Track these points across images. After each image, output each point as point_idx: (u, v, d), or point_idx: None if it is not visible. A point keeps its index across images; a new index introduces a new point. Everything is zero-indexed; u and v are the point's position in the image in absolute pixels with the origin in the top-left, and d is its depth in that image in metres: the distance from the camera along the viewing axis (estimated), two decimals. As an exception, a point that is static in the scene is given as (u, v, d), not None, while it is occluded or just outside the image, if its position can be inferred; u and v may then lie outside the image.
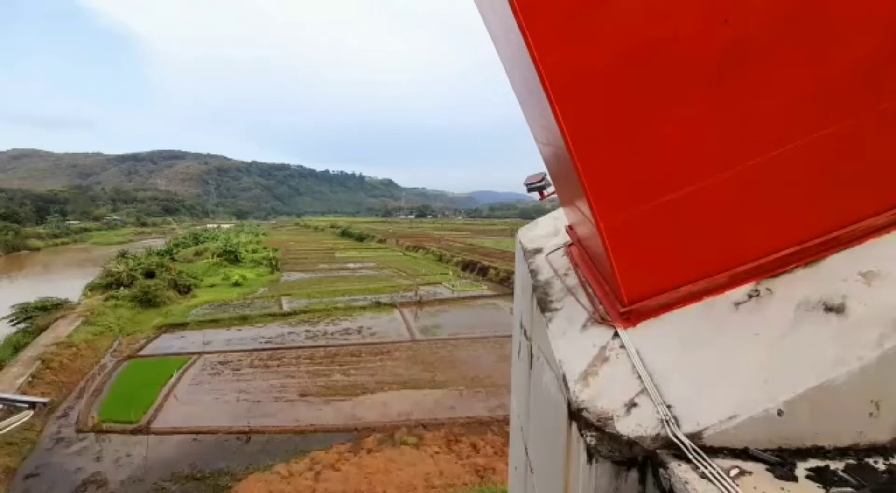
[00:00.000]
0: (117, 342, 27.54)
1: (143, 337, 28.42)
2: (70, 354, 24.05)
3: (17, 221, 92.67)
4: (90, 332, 27.51)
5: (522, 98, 2.24)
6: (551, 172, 2.69)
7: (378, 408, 19.12)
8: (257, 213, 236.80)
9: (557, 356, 1.96)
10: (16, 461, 15.03)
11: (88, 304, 33.65)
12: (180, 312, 34.43)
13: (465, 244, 74.51)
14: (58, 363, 22.62)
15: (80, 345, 25.35)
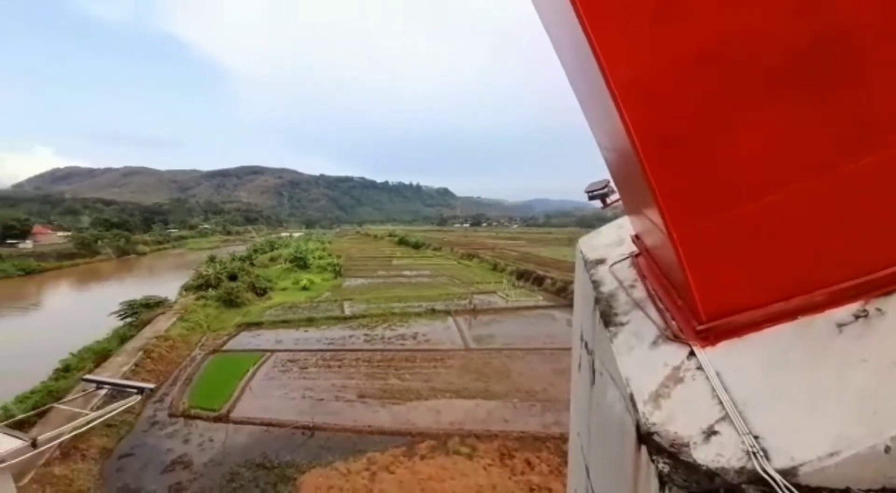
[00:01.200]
0: (205, 337, 30.86)
1: (225, 334, 31.54)
2: (167, 346, 27.41)
3: (128, 229, 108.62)
4: (184, 327, 31.18)
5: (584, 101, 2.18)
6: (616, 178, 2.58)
7: (431, 415, 19.27)
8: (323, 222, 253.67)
9: (624, 374, 1.85)
10: (113, 442, 17.24)
11: (183, 302, 38.22)
12: (257, 312, 37.74)
13: (520, 253, 73.16)
14: (157, 354, 25.89)
15: (175, 338, 28.82)
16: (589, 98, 2.01)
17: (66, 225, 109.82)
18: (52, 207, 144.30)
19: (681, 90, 1.47)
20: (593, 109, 2.07)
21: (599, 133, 2.21)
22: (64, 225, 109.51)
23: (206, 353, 27.49)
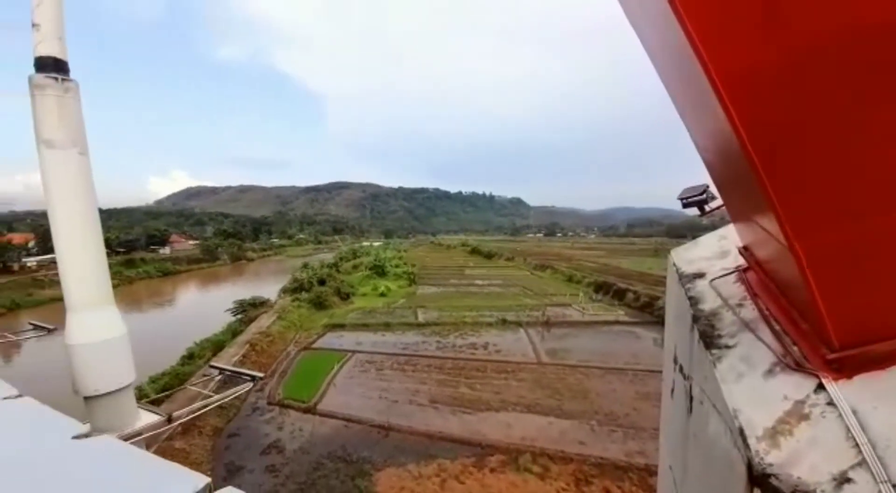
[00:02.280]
0: (298, 335, 34.20)
1: (315, 333, 34.60)
2: (268, 341, 30.93)
3: (241, 238, 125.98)
4: (281, 325, 34.96)
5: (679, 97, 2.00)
6: (718, 182, 2.31)
7: (501, 428, 18.85)
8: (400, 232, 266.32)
9: (731, 404, 1.63)
10: (223, 423, 19.80)
11: (281, 303, 42.90)
12: (341, 315, 40.82)
13: (599, 264, 68.77)
14: (260, 348, 29.34)
15: (274, 335, 32.42)
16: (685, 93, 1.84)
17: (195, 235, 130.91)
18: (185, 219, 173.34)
19: (800, 80, 1.27)
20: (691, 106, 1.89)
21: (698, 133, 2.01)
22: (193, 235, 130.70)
23: (299, 349, 30.40)
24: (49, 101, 1.45)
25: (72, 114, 1.51)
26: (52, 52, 1.46)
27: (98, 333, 1.66)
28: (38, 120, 1.47)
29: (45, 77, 1.44)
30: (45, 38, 1.45)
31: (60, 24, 1.47)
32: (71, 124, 1.50)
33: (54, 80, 1.45)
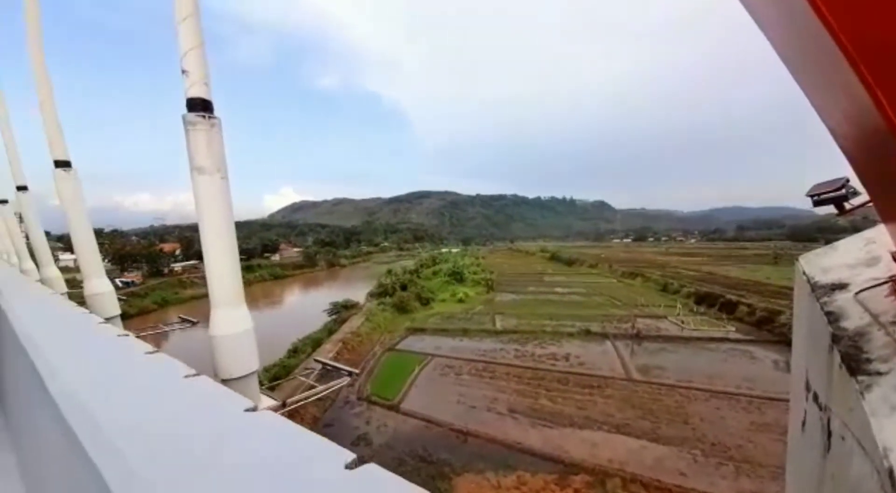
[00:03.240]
0: (383, 336, 36.33)
1: (398, 335, 36.41)
2: (357, 341, 33.39)
3: (335, 246, 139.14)
4: (368, 326, 37.49)
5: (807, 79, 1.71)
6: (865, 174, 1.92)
7: (586, 446, 17.65)
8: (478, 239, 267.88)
9: (882, 442, 1.33)
10: (320, 413, 21.76)
11: (368, 306, 46.03)
12: (421, 319, 42.35)
13: (701, 272, 61.03)
14: (350, 346, 31.80)
15: (363, 335, 34.89)
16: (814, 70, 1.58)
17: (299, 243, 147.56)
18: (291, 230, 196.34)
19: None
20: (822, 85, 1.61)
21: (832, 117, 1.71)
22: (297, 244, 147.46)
23: (384, 350, 32.25)
24: (199, 135, 1.79)
25: (216, 145, 1.85)
26: (199, 95, 1.81)
27: (233, 326, 2.00)
28: (191, 151, 1.82)
29: (195, 115, 1.79)
30: (194, 83, 1.79)
31: (205, 70, 1.81)
32: (215, 153, 1.84)
33: (202, 118, 1.78)
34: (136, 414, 0.92)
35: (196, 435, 0.81)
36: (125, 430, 0.84)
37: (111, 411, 0.93)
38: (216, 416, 0.87)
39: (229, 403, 0.92)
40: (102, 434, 0.83)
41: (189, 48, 1.85)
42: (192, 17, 1.85)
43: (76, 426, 0.88)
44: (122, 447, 0.77)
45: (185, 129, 1.90)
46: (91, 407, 0.93)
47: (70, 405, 0.98)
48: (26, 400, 1.61)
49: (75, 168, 4.43)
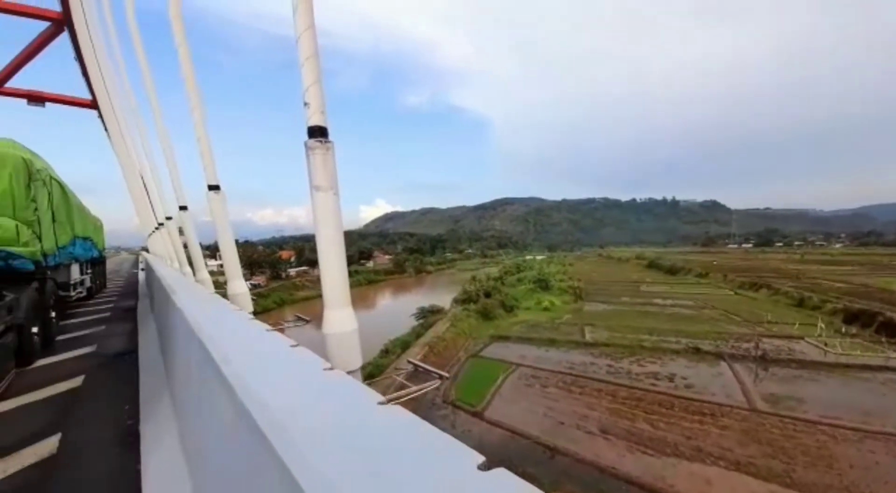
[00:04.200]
0: (467, 342, 36.87)
1: (482, 342, 36.60)
2: (443, 345, 34.42)
3: (422, 253, 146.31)
4: (453, 332, 38.40)
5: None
6: None
7: (697, 483, 15.55)
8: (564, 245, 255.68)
9: None
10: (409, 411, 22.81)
11: (453, 312, 47.19)
12: (505, 327, 41.95)
13: (852, 284, 49.67)
14: (436, 350, 32.91)
15: (448, 340, 35.87)
16: None
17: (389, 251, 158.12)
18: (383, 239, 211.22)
19: None
20: None
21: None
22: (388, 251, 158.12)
23: (468, 356, 32.68)
24: (317, 158, 2.19)
25: (330, 165, 2.24)
26: (318, 123, 2.22)
27: (342, 325, 2.35)
28: (311, 172, 2.24)
29: (314, 141, 2.19)
30: (314, 113, 2.21)
31: (322, 101, 2.23)
32: (330, 173, 2.23)
33: (320, 143, 2.18)
34: (291, 398, 1.03)
35: (339, 422, 0.87)
36: (285, 409, 0.93)
37: (272, 391, 1.07)
38: (354, 406, 0.96)
39: (364, 395, 0.99)
40: (270, 411, 0.93)
41: (310, 84, 2.27)
42: (313, 58, 2.28)
43: (248, 404, 1.01)
44: (287, 424, 0.85)
45: (306, 153, 2.30)
46: (256, 388, 1.08)
47: (242, 386, 1.14)
48: (198, 380, 1.93)
49: (223, 190, 5.52)
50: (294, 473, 0.69)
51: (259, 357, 1.48)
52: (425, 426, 0.83)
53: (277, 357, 1.46)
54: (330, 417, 0.91)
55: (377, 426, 0.84)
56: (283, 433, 0.82)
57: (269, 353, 1.53)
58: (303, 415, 0.91)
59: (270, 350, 1.57)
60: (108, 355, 5.44)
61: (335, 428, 0.84)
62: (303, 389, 1.12)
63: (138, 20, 6.94)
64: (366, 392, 1.01)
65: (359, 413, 0.91)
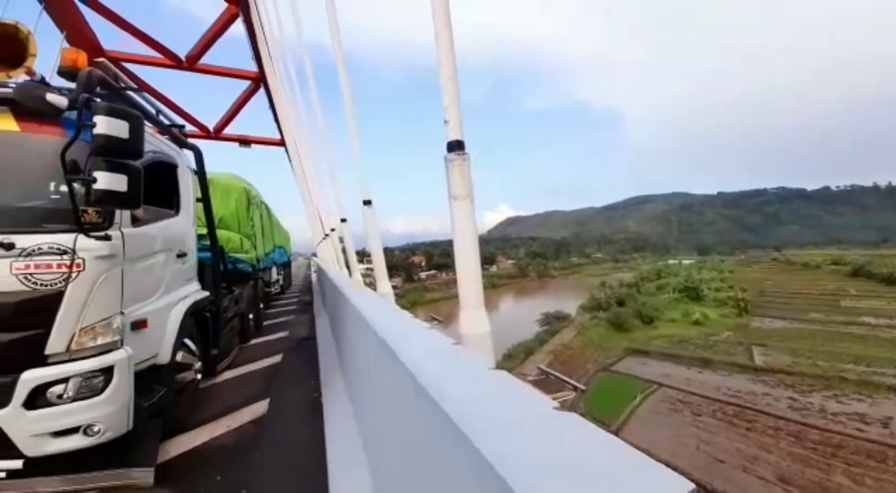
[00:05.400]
0: (596, 353, 34.23)
1: (613, 354, 33.53)
2: (568, 354, 32.74)
3: (545, 258, 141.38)
4: (580, 341, 36.15)
5: None
6: None
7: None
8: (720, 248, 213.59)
9: None
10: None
11: (580, 320, 44.44)
12: (643, 339, 37.46)
13: None
14: (562, 359, 31.48)
15: (574, 349, 33.95)
16: None
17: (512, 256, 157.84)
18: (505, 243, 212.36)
19: None
20: None
21: None
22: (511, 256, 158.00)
23: (598, 368, 30.31)
24: (456, 169, 2.35)
25: (467, 176, 2.39)
26: (456, 137, 2.39)
27: (477, 327, 2.45)
28: (450, 183, 2.40)
29: (453, 154, 2.36)
30: (453, 129, 2.38)
31: (460, 118, 2.40)
32: (466, 183, 2.38)
33: (458, 156, 2.34)
34: (467, 388, 1.06)
35: (519, 419, 0.85)
36: (465, 397, 0.96)
37: (442, 377, 1.13)
38: (530, 406, 0.91)
39: (538, 397, 0.96)
40: (448, 394, 0.97)
41: (449, 103, 2.51)
42: (452, 79, 2.52)
43: (430, 388, 1.08)
44: (471, 410, 0.86)
45: (446, 165, 2.53)
46: (432, 375, 1.16)
47: (420, 372, 1.23)
48: (376, 368, 2.20)
49: (374, 205, 6.43)
50: (485, 455, 0.70)
51: (428, 349, 1.57)
52: (618, 442, 0.75)
53: (442, 352, 1.55)
54: (508, 413, 0.88)
55: (560, 431, 0.79)
56: (468, 417, 0.85)
57: (432, 346, 1.65)
58: (481, 404, 0.93)
59: (435, 344, 1.69)
60: (296, 340, 6.92)
61: (516, 424, 0.82)
62: (474, 381, 1.14)
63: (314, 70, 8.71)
64: (538, 395, 0.98)
65: (536, 414, 0.87)
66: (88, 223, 2.39)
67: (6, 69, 2.41)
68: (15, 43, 2.48)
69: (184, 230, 3.70)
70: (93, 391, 2.38)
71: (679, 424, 21.10)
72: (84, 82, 2.46)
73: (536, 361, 31.20)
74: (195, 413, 3.66)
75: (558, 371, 21.67)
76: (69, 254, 2.29)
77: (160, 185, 3.04)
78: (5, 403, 2.18)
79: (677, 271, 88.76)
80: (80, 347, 2.36)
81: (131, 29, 8.55)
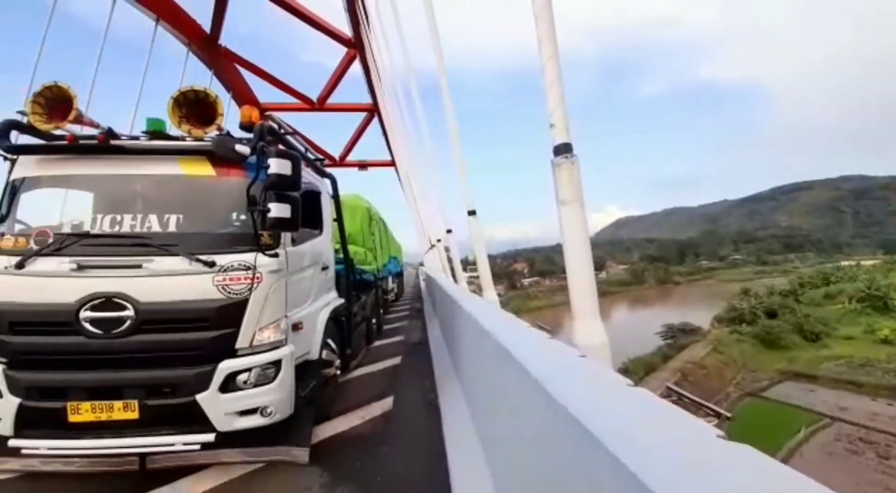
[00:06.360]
0: (739, 375, 28.90)
1: (764, 377, 27.92)
2: (701, 374, 28.33)
3: (666, 262, 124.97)
4: (717, 359, 30.99)
5: None
6: None
7: None
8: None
9: None
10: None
11: (716, 334, 38.14)
12: (807, 361, 30.38)
13: None
14: (693, 379, 27.38)
15: (709, 369, 29.24)
16: None
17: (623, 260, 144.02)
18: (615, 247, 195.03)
19: None
20: None
21: None
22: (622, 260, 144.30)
23: (742, 393, 25.57)
24: (563, 173, 2.30)
25: (576, 179, 2.32)
26: (563, 140, 2.34)
27: (592, 337, 2.33)
28: (557, 187, 2.35)
29: (560, 158, 2.32)
30: (559, 132, 2.34)
31: (566, 121, 2.35)
32: (575, 186, 2.32)
33: (566, 159, 2.29)
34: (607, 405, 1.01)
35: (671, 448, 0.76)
36: (598, 414, 0.92)
37: (577, 391, 1.10)
38: (685, 434, 0.82)
39: (692, 423, 0.87)
40: (590, 413, 0.93)
41: (555, 107, 2.49)
42: (556, 83, 2.51)
43: (567, 404, 1.06)
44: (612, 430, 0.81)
45: (553, 170, 2.49)
46: (560, 386, 1.16)
47: (552, 384, 1.23)
48: (497, 375, 2.25)
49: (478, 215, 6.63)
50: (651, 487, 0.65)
51: (556, 361, 1.57)
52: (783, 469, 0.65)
53: (575, 364, 1.53)
54: (666, 439, 0.80)
55: (735, 466, 0.68)
56: (621, 441, 0.79)
57: (565, 359, 1.63)
58: (630, 426, 0.87)
59: (566, 357, 1.67)
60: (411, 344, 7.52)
61: (677, 453, 0.74)
62: (615, 399, 1.08)
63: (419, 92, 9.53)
64: (695, 420, 0.89)
65: (700, 443, 0.77)
66: (264, 244, 3.02)
67: (202, 127, 3.16)
68: (207, 105, 3.24)
69: (326, 247, 4.40)
70: (267, 380, 2.97)
71: (861, 468, 16.47)
72: (259, 133, 3.14)
73: (659, 379, 27.70)
74: (334, 404, 4.26)
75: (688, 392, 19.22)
76: (251, 269, 2.93)
77: (309, 209, 3.67)
78: (205, 387, 2.76)
79: (854, 274, 69.52)
80: (258, 343, 2.98)
81: (277, 82, 10.51)
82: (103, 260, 2.78)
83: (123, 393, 2.72)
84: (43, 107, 2.95)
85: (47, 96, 2.95)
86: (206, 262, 2.82)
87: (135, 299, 2.73)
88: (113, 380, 2.74)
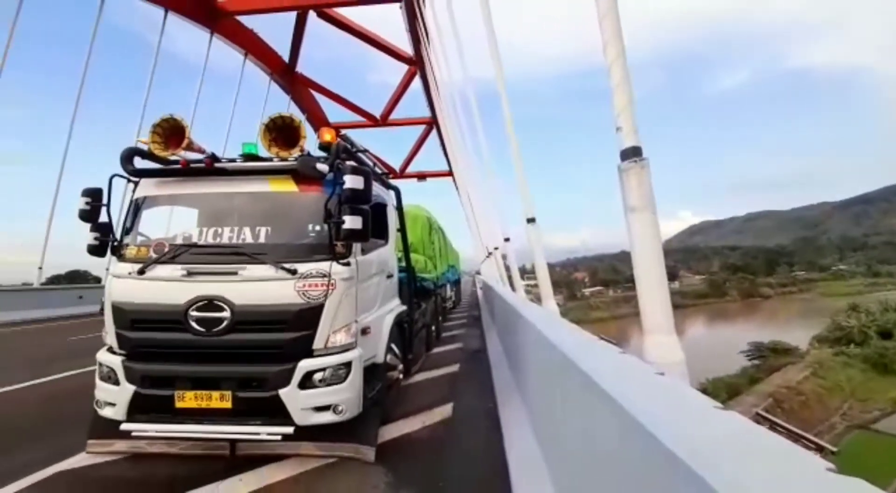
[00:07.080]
0: (846, 404, 24.81)
1: (877, 407, 23.69)
2: (798, 401, 24.74)
3: (751, 272, 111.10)
4: (818, 385, 26.89)
5: None
6: None
7: None
8: None
9: None
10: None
11: (816, 355, 33.20)
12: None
13: None
14: (788, 406, 24.00)
15: (807, 395, 25.46)
16: None
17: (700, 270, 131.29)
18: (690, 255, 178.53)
19: None
20: None
21: None
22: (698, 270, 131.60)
23: (849, 425, 21.86)
24: (632, 178, 2.20)
25: (646, 185, 2.22)
26: (632, 144, 2.25)
27: (666, 355, 2.19)
28: (625, 193, 2.25)
29: (628, 162, 2.23)
30: (627, 135, 2.24)
31: (635, 123, 2.26)
32: (645, 192, 2.21)
33: (634, 163, 2.20)
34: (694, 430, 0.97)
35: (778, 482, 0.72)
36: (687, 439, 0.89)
37: (656, 410, 1.09)
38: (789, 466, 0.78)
39: (796, 454, 0.82)
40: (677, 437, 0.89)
41: (621, 110, 2.41)
42: (623, 84, 2.43)
43: (625, 404, 1.10)
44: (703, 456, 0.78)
45: (620, 176, 2.39)
46: (638, 405, 1.14)
47: (612, 387, 1.29)
48: (556, 379, 2.28)
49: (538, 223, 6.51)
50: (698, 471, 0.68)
51: (633, 379, 1.55)
52: None
53: (652, 383, 1.51)
54: (770, 472, 0.74)
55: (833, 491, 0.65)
56: (690, 450, 0.79)
57: (641, 376, 1.60)
58: (727, 454, 0.80)
59: (641, 374, 1.64)
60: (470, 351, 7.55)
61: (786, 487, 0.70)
62: (705, 423, 1.02)
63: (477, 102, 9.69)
64: (798, 450, 0.83)
65: (808, 476, 0.72)
66: (338, 253, 3.27)
67: (288, 149, 3.50)
68: (292, 130, 3.59)
69: (391, 256, 4.62)
70: (339, 379, 3.18)
71: None
72: (335, 152, 3.42)
73: (745, 404, 24.65)
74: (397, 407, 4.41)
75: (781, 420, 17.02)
76: (327, 276, 3.18)
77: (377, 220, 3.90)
78: (287, 383, 3.02)
79: None
80: (332, 345, 3.21)
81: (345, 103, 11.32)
82: (207, 267, 3.20)
83: (220, 384, 3.07)
84: (160, 136, 3.49)
85: (164, 127, 3.48)
86: (289, 270, 3.12)
87: (231, 302, 3.08)
88: (212, 372, 3.12)
